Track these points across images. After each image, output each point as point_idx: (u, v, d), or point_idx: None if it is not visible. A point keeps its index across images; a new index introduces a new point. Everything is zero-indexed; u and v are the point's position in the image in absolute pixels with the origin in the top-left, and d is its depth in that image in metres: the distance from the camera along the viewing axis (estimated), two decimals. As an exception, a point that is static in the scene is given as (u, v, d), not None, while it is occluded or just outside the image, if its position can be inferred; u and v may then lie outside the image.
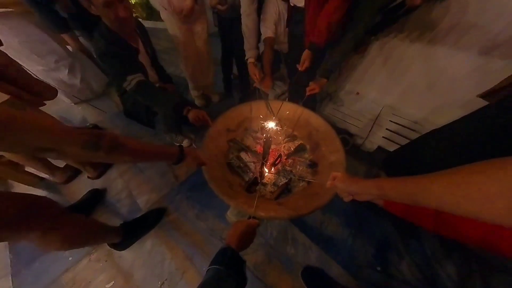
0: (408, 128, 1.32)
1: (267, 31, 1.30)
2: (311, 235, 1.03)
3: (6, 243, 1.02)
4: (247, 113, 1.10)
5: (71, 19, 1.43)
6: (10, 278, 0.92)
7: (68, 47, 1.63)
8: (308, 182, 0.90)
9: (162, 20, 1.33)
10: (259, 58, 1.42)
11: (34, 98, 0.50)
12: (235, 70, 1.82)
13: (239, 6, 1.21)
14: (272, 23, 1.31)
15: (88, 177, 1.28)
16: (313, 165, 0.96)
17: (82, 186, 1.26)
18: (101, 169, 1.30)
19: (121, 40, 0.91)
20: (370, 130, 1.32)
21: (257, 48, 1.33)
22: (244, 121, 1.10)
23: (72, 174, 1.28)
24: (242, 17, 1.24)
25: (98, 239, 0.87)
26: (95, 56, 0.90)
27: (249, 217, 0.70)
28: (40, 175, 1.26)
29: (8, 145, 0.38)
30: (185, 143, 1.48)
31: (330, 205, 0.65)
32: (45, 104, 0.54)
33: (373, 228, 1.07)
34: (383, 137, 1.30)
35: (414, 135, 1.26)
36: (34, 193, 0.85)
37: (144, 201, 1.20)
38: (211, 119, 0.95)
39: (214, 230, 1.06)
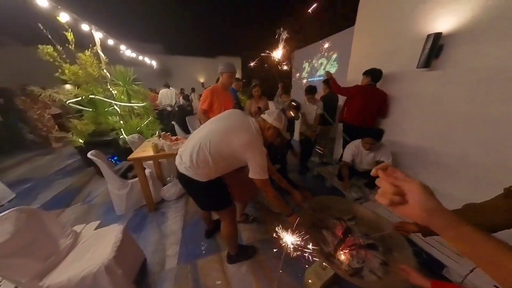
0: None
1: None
2: None
3: (181, 225, 1.95)
4: (331, 203, 1.63)
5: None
6: (178, 246, 1.73)
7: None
8: (380, 277, 1.12)
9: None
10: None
11: None
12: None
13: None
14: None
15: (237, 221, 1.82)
16: (385, 264, 1.18)
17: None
18: (243, 217, 1.95)
19: (275, 148, 2.02)
20: (468, 273, 1.23)
21: None
22: (329, 209, 1.62)
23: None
24: None
25: (233, 242, 1.49)
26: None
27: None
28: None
29: None
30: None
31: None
32: None
33: None
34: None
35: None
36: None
37: (246, 237, 1.81)
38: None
39: (285, 285, 1.36)
